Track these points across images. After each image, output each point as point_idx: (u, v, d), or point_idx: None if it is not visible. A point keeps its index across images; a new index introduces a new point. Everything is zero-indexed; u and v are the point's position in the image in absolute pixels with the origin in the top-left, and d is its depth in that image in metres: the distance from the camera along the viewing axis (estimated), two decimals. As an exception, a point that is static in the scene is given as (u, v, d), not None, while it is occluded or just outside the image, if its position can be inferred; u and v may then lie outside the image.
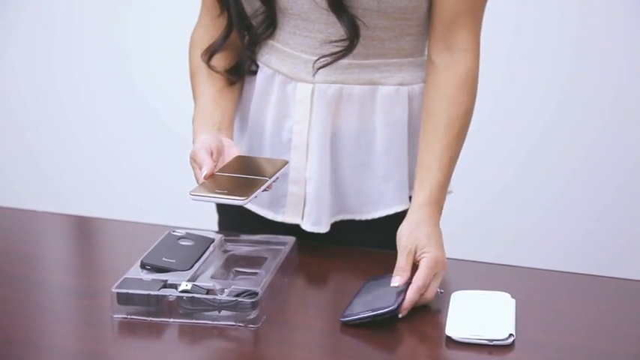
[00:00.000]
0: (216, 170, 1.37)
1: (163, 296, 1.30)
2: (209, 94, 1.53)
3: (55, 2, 3.08)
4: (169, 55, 2.86)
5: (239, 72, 1.56)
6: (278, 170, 1.37)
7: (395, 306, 1.28)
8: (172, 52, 2.50)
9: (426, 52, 1.54)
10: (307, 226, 1.54)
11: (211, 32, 1.57)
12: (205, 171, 1.35)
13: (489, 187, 2.84)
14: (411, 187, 1.57)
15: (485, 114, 2.76)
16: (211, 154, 1.39)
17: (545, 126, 2.80)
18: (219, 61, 1.56)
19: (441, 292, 1.37)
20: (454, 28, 1.47)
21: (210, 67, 1.54)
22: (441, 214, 1.44)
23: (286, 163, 1.40)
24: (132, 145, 3.11)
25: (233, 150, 1.43)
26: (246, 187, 1.32)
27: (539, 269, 1.50)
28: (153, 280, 1.33)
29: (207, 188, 1.32)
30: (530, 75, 2.78)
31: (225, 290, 1.30)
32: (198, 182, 1.37)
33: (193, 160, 1.40)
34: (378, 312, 1.28)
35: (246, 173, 1.36)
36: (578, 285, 1.47)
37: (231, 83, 1.56)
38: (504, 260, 1.54)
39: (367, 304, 1.31)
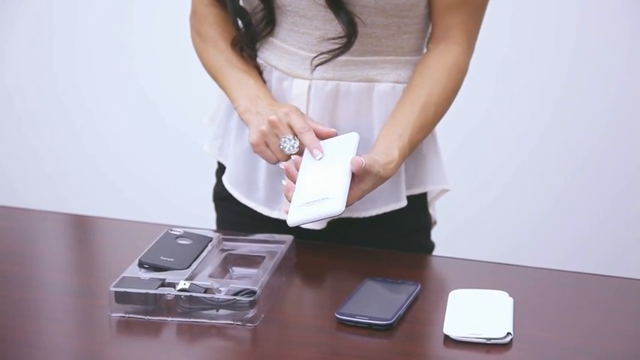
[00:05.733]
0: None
1: (161, 295, 1.30)
2: (252, 74, 1.54)
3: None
4: (173, 53, 2.87)
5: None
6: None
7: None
8: (176, 50, 2.50)
9: (423, 52, 1.55)
10: (304, 223, 1.53)
11: (216, 20, 1.56)
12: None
13: (489, 187, 2.84)
14: (407, 186, 1.57)
15: (485, 113, 2.79)
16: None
17: (545, 126, 2.80)
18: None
19: None
20: (449, 22, 1.49)
21: (244, 58, 1.54)
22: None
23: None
24: (132, 142, 3.11)
25: None
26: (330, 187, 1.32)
27: (536, 268, 1.50)
28: (151, 278, 1.33)
29: (298, 209, 1.31)
30: (529, 76, 2.78)
31: (223, 289, 1.30)
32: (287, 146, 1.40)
33: (284, 124, 1.41)
34: (374, 322, 1.28)
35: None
36: (576, 284, 1.47)
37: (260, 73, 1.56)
38: (504, 260, 1.54)
39: (364, 307, 1.31)
